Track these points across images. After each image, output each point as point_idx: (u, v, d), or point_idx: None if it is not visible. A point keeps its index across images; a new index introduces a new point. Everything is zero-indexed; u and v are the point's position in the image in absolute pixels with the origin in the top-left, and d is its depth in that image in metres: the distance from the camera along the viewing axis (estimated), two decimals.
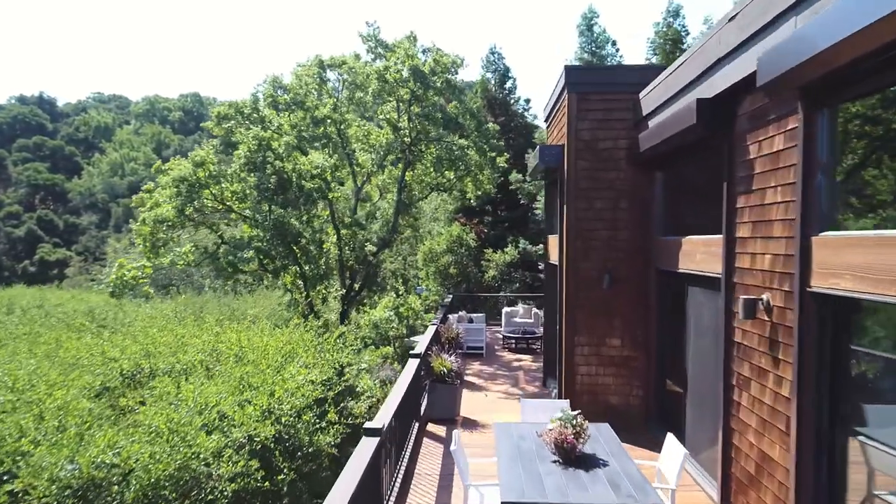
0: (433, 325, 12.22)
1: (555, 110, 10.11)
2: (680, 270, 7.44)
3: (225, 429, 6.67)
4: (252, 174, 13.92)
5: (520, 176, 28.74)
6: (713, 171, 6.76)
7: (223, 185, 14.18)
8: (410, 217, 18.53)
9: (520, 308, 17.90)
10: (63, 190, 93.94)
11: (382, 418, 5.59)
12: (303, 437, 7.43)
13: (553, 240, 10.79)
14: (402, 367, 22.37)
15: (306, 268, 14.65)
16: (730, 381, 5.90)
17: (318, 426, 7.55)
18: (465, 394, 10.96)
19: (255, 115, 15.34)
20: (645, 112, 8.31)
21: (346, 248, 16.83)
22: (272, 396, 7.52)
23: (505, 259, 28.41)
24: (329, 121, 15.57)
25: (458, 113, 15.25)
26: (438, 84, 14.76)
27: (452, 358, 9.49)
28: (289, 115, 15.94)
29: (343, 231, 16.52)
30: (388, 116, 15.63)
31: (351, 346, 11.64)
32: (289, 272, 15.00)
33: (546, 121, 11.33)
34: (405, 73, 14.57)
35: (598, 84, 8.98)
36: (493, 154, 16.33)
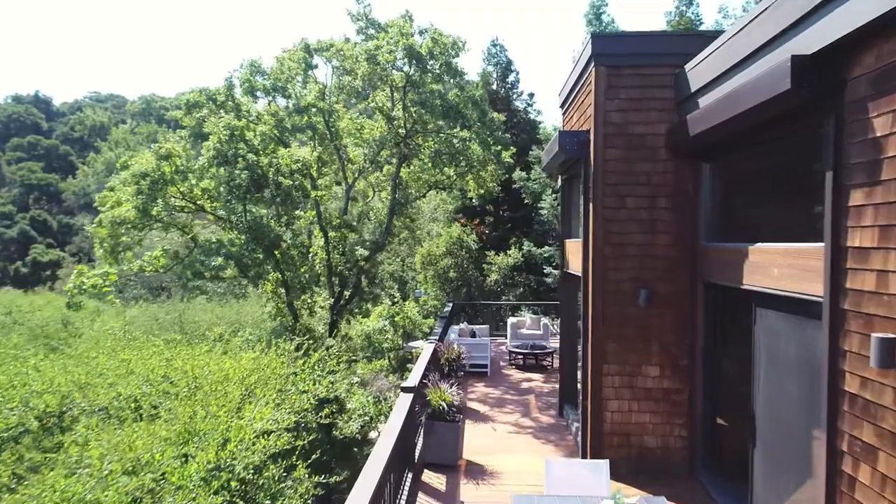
0: (431, 342, 10.59)
1: (576, 90, 8.47)
2: (744, 287, 5.80)
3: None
4: (222, 169, 12.26)
5: (524, 174, 27.12)
6: (802, 157, 5.10)
7: (192, 182, 12.53)
8: (406, 217, 16.88)
9: (527, 318, 16.27)
10: (57, 190, 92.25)
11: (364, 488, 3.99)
12: (262, 501, 5.80)
13: (573, 245, 9.16)
14: (399, 377, 20.74)
15: (288, 274, 13.01)
16: (837, 446, 4.27)
17: (282, 487, 5.92)
18: (469, 426, 9.34)
19: (229, 102, 13.70)
20: (694, 88, 6.68)
21: (336, 252, 15.19)
22: (224, 448, 5.89)
23: (508, 262, 26.82)
24: (315, 109, 13.93)
25: (458, 101, 13.63)
26: (437, 67, 13.13)
27: (454, 389, 7.85)
28: (269, 104, 14.24)
29: (331, 233, 14.88)
30: (380, 104, 13.99)
31: (335, 369, 9.99)
32: (269, 279, 13.35)
33: (563, 105, 9.70)
34: (399, 55, 12.94)
35: (632, 55, 7.33)
36: (499, 148, 14.67)
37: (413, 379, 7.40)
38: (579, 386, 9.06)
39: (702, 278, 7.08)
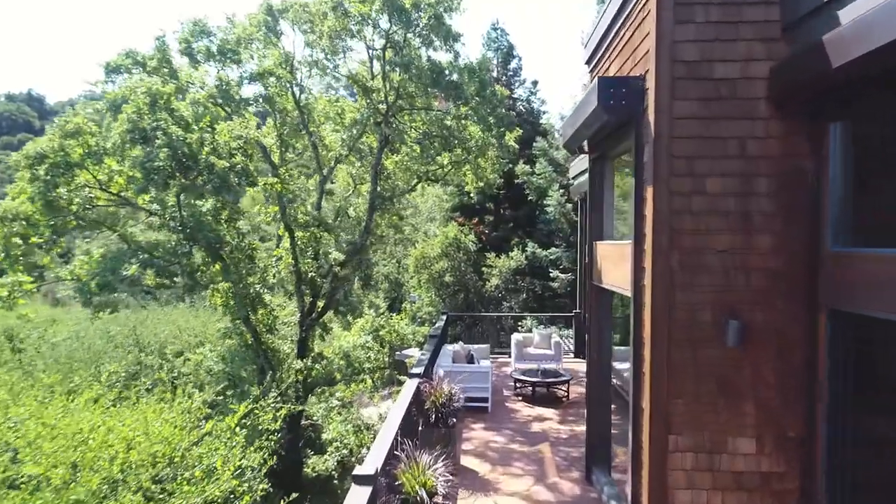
0: (414, 375, 7.99)
1: (618, 25, 5.85)
2: None
3: None
4: (139, 148, 9.60)
5: (527, 167, 24.54)
6: None
7: (112, 167, 9.87)
8: (393, 215, 14.26)
9: (535, 335, 13.68)
10: None
11: None
12: None
13: (609, 250, 6.56)
14: (388, 394, 18.12)
15: (239, 285, 10.35)
16: None
17: None
18: (462, 498, 6.72)
19: (164, 68, 11.04)
20: None
21: (305, 255, 12.58)
22: None
23: (510, 265, 24.25)
24: (274, 79, 11.32)
25: (452, 69, 11.05)
26: (424, 19, 10.48)
27: (439, 466, 5.24)
28: (218, 69, 11.45)
29: (299, 233, 12.25)
30: (354, 73, 11.40)
31: (271, 425, 7.41)
32: (219, 289, 10.73)
33: (591, 60, 7.10)
34: (376, 5, 10.31)
35: None
36: (501, 129, 12.04)
37: (373, 459, 4.76)
38: (619, 451, 6.47)
39: (827, 303, 4.48)
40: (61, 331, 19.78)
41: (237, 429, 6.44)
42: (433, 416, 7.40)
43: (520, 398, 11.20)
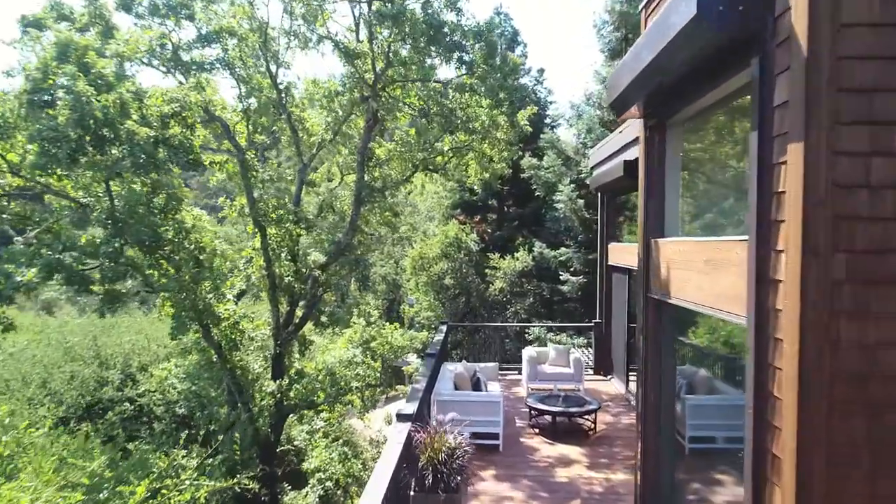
0: (404, 419, 6.02)
1: None
2: None
3: None
4: (41, 111, 7.59)
5: (534, 160, 22.54)
6: None
7: (22, 142, 7.84)
8: (385, 211, 12.28)
9: (550, 349, 11.71)
10: None
11: None
12: None
13: (684, 251, 4.57)
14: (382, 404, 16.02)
15: (181, 295, 8.35)
16: None
17: None
18: None
19: (97, 23, 9.00)
20: None
21: (280, 257, 10.62)
22: None
23: (515, 267, 22.32)
24: (236, 40, 9.33)
25: (454, 29, 9.08)
26: None
27: None
28: (169, 29, 9.37)
29: (272, 230, 10.28)
30: (332, 34, 9.42)
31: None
32: (169, 297, 8.72)
33: None
34: None
35: None
36: (513, 104, 10.02)
37: None
38: None
39: None
40: (20, 339, 17.75)
41: None
42: (430, 477, 5.43)
43: (536, 430, 9.21)
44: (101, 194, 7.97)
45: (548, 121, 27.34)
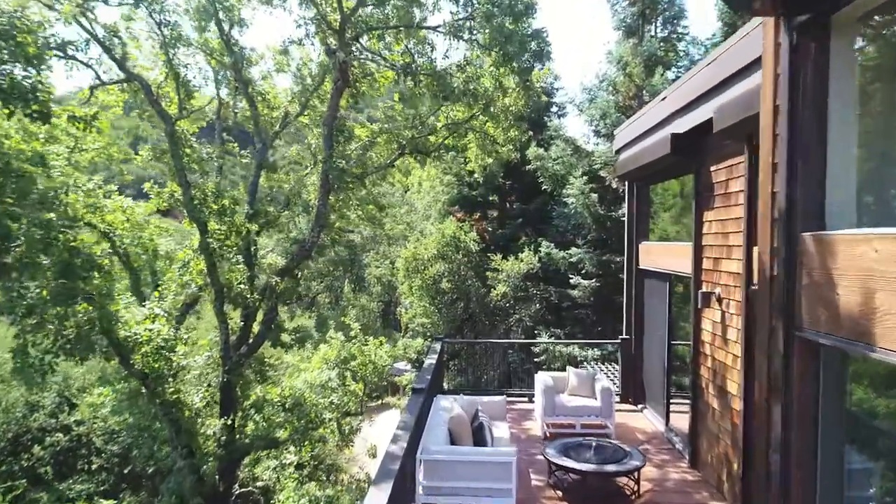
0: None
1: None
2: None
3: None
4: None
5: (541, 151, 20.19)
6: None
7: None
8: (366, 202, 9.95)
9: (570, 375, 9.39)
10: None
11: None
12: None
13: (856, 250, 2.23)
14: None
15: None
16: None
17: None
18: None
19: None
20: None
21: (227, 259, 8.29)
22: None
23: (519, 269, 20.04)
24: None
25: None
26: None
27: None
28: None
29: (214, 225, 7.94)
30: None
31: None
32: (34, 315, 6.35)
33: None
34: None
35: None
36: (525, 59, 7.71)
37: None
38: None
39: None
40: None
41: None
42: None
43: (559, 493, 6.88)
44: None
45: (554, 109, 25.04)
